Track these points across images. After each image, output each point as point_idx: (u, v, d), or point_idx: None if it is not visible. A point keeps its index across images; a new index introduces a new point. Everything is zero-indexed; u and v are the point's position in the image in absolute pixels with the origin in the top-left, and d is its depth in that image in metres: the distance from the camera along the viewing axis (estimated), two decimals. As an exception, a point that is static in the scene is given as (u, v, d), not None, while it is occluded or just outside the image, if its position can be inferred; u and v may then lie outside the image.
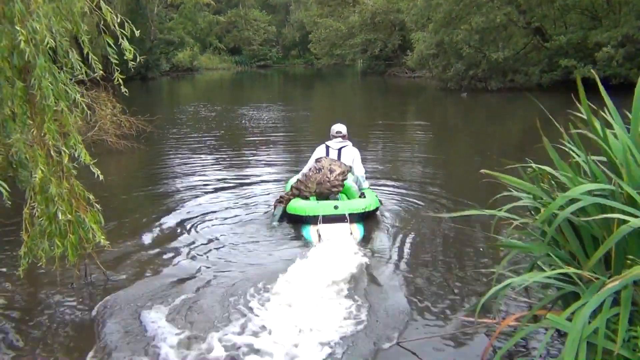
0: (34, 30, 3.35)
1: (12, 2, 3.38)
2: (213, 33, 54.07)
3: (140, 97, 23.58)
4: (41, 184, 3.55)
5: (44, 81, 3.40)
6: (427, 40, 25.50)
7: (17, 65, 3.54)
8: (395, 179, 8.12)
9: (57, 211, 3.58)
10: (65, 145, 3.64)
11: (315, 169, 5.75)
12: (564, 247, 2.85)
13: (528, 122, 15.08)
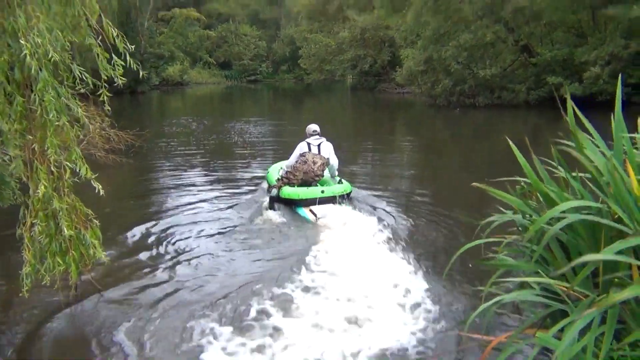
0: (36, 45, 3.34)
1: (13, 17, 3.37)
2: (203, 47, 54.30)
3: (130, 111, 23.51)
4: (43, 200, 3.50)
5: (47, 95, 3.38)
6: (416, 57, 25.77)
7: (17, 80, 3.52)
8: (384, 191, 8.15)
9: (61, 227, 3.53)
10: (66, 159, 3.62)
11: (301, 161, 6.92)
12: (552, 264, 2.86)
13: (515, 138, 15.22)
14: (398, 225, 6.26)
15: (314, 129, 7.39)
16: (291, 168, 7.00)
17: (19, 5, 3.42)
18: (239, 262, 5.19)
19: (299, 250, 5.32)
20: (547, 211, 2.78)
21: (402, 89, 32.95)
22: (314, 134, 7.33)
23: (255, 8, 62.69)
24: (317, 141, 7.22)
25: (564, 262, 2.75)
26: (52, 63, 3.43)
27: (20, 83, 3.57)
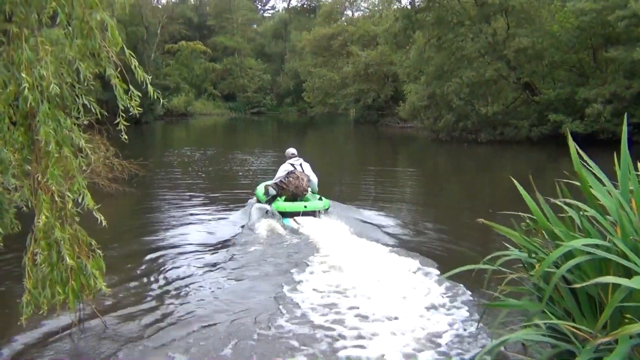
0: (40, 77, 3.38)
1: (20, 49, 3.42)
2: (208, 80, 54.93)
3: (134, 141, 23.55)
4: (45, 229, 3.50)
5: (46, 128, 3.41)
6: (419, 92, 26.00)
7: (21, 110, 3.56)
8: (386, 220, 8.13)
9: (63, 256, 3.52)
10: (69, 190, 3.62)
11: (293, 177, 8.12)
12: (558, 304, 2.82)
13: (518, 174, 15.24)
14: (399, 255, 6.21)
15: (292, 152, 8.66)
16: (284, 180, 8.10)
17: (26, 39, 3.48)
18: (240, 288, 5.22)
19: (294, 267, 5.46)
20: (552, 249, 2.76)
21: (405, 123, 33.16)
22: (293, 156, 8.55)
23: (260, 42, 63.71)
24: (297, 161, 8.44)
25: (570, 302, 2.71)
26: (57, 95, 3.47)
27: (25, 113, 3.61)
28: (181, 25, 52.02)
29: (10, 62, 3.53)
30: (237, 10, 61.16)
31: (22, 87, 3.36)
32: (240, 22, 61.50)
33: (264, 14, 74.17)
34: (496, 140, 22.54)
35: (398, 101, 33.64)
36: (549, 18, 22.04)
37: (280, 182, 8.18)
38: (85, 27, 3.64)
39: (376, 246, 6.67)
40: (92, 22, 3.71)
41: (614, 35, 19.37)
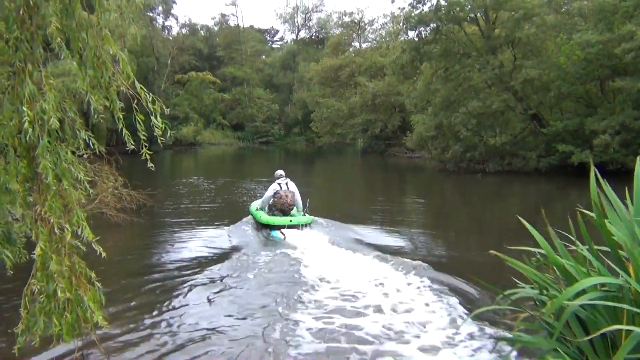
0: (42, 111, 3.43)
1: (24, 84, 3.48)
2: (217, 109, 55.53)
3: (142, 170, 23.71)
4: (42, 261, 3.50)
5: (44, 161, 3.46)
6: (426, 123, 26.11)
7: (24, 143, 3.60)
8: (393, 249, 8.05)
9: (56, 288, 3.52)
10: (68, 222, 3.63)
11: (277, 197, 9.38)
12: (571, 342, 2.76)
13: (526, 205, 15.15)
14: (409, 285, 6.15)
15: (280, 173, 9.97)
16: (276, 198, 9.44)
17: (30, 73, 3.55)
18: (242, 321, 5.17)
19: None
20: (564, 285, 2.71)
21: (413, 153, 33.24)
22: (280, 177, 9.83)
23: (269, 73, 64.53)
24: (284, 181, 9.70)
25: (583, 340, 2.65)
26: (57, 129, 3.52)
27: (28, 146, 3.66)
28: (191, 56, 52.89)
29: (15, 96, 3.59)
30: (246, 41, 62.17)
31: (23, 121, 3.42)
32: (249, 53, 62.44)
33: (272, 45, 75.35)
34: (504, 171, 22.49)
35: (405, 131, 33.80)
36: (556, 50, 22.21)
37: (272, 202, 9.52)
38: (97, 60, 3.72)
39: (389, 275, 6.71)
40: (104, 55, 3.79)
41: (621, 66, 19.45)
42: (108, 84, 3.79)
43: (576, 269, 2.79)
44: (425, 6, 24.26)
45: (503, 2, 22.13)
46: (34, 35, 3.65)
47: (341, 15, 54.58)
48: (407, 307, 5.50)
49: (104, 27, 3.96)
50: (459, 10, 23.36)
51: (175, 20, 54.09)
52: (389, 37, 44.93)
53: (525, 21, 21.83)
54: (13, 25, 3.64)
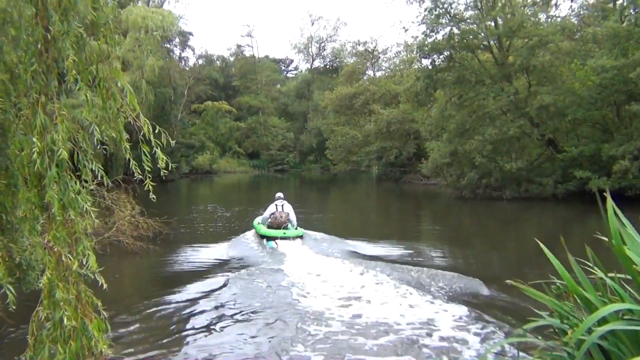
0: (52, 142, 3.50)
1: (36, 114, 3.57)
2: (233, 138, 56.06)
3: (159, 199, 23.86)
4: (49, 289, 3.54)
5: (50, 191, 3.52)
6: (441, 149, 26.07)
7: (34, 173, 3.67)
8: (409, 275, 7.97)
9: (62, 316, 3.54)
10: (75, 251, 3.68)
11: (273, 217, 11.35)
12: (594, 372, 2.70)
13: (544, 232, 14.96)
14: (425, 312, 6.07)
15: (279, 195, 12.03)
16: (272, 218, 11.36)
17: (43, 105, 3.63)
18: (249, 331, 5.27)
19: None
20: (585, 314, 2.67)
21: (428, 180, 33.12)
22: (278, 199, 11.84)
23: (284, 101, 65.19)
24: (280, 203, 11.70)
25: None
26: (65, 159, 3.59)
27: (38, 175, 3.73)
28: (207, 86, 53.69)
29: (28, 126, 3.67)
30: (261, 71, 63.05)
31: (32, 151, 3.49)
32: (265, 82, 63.25)
33: (287, 74, 76.24)
34: (521, 197, 22.29)
35: (420, 158, 33.75)
36: (570, 76, 22.17)
37: (270, 221, 11.43)
38: (106, 92, 3.80)
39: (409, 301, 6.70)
40: (113, 87, 3.88)
41: (636, 91, 19.33)
42: (116, 116, 3.88)
43: (596, 298, 2.74)
44: (438, 34, 24.50)
45: (516, 29, 22.25)
46: (50, 68, 3.75)
47: (355, 44, 55.14)
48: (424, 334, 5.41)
49: (114, 60, 4.06)
50: (472, 38, 23.54)
51: (192, 52, 55.06)
52: (403, 65, 45.25)
53: (539, 48, 21.89)
54: (32, 58, 3.74)
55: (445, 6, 24.15)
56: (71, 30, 3.72)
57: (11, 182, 4.03)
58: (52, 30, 3.66)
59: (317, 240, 11.62)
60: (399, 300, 6.82)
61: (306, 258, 9.73)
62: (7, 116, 4.04)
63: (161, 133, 3.91)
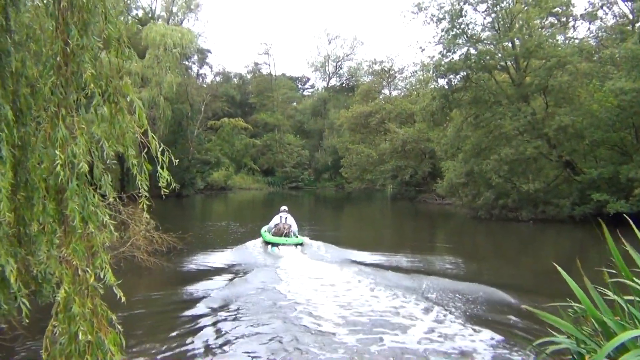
0: (73, 155, 3.53)
1: (57, 128, 3.60)
2: (248, 155, 56.36)
3: (174, 214, 24.14)
4: (64, 303, 3.53)
5: (72, 204, 3.53)
6: (456, 169, 25.95)
7: (53, 186, 3.69)
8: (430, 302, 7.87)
9: (77, 331, 3.52)
10: (92, 265, 3.67)
11: (277, 228, 13.34)
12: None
13: (561, 255, 14.75)
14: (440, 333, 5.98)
15: (283, 208, 14.09)
16: (275, 228, 13.46)
17: (63, 118, 3.67)
18: None
19: None
20: (602, 339, 2.61)
21: (443, 200, 32.92)
22: (283, 212, 13.92)
23: (300, 119, 65.52)
24: (284, 215, 13.79)
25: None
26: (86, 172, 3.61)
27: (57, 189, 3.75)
28: (224, 102, 54.13)
29: (47, 139, 3.70)
30: (278, 89, 63.54)
31: (55, 164, 3.50)
32: (281, 100, 63.69)
33: (303, 92, 76.73)
34: (537, 219, 22.04)
35: (436, 177, 33.61)
36: (588, 97, 22.02)
37: (274, 230, 13.49)
38: (114, 107, 3.83)
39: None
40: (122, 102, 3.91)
41: (655, 114, 19.15)
42: (124, 131, 3.90)
43: (615, 322, 2.69)
44: (455, 55, 24.53)
45: (534, 50, 22.20)
46: (69, 81, 3.80)
47: (371, 63, 55.37)
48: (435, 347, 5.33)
49: (125, 75, 4.10)
50: (489, 59, 23.53)
51: (209, 69, 55.70)
52: (419, 84, 45.26)
53: (557, 69, 21.80)
54: (50, 71, 3.80)
55: (462, 27, 24.21)
56: (90, 44, 3.78)
57: (30, 195, 4.06)
58: (72, 44, 3.71)
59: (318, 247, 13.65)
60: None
61: (301, 262, 11.64)
62: (27, 129, 4.09)
63: (177, 149, 3.94)
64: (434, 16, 24.88)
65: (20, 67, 4.09)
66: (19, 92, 4.04)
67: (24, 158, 4.06)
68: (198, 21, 48.69)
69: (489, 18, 24.42)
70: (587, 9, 23.06)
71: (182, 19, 41.04)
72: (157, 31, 29.81)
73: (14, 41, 4.14)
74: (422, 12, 25.32)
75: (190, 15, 41.28)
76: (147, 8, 40.77)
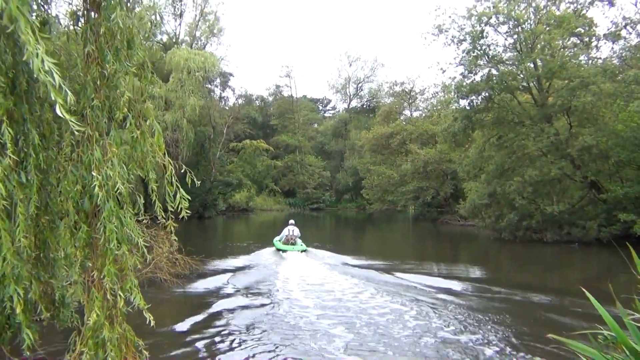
0: (107, 177, 3.58)
1: (89, 150, 3.66)
2: (270, 176, 56.67)
3: (197, 235, 24.27)
4: (94, 328, 3.53)
5: (109, 225, 3.55)
6: (479, 190, 25.70)
7: (85, 209, 3.73)
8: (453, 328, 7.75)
9: (107, 357, 3.51)
10: (121, 288, 3.68)
11: (287, 238, 17.68)
12: None
13: (588, 278, 14.44)
14: None
15: (291, 222, 18.35)
16: (285, 238, 17.60)
17: (97, 141, 3.73)
18: None
19: None
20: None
21: (466, 221, 32.57)
22: (291, 224, 18.13)
23: (321, 140, 65.81)
24: (292, 228, 17.89)
25: None
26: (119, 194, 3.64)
27: (89, 212, 3.77)
28: (246, 124, 54.63)
29: (80, 162, 3.76)
30: (299, 110, 64.05)
31: (92, 186, 3.53)
32: (302, 121, 64.14)
33: (324, 113, 77.18)
34: (563, 240, 21.65)
35: (458, 199, 33.32)
36: (613, 117, 21.73)
37: (284, 240, 17.66)
38: (136, 132, 3.88)
39: None
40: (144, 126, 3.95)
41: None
42: (145, 155, 3.95)
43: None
44: (476, 76, 24.47)
45: (557, 71, 22.03)
46: (103, 105, 3.88)
47: (392, 85, 55.47)
48: None
49: (147, 99, 4.17)
50: (512, 80, 23.41)
51: (232, 91, 56.32)
52: (440, 105, 45.17)
53: (580, 89, 21.59)
54: (92, 94, 3.87)
55: (483, 48, 24.19)
56: (123, 69, 3.87)
57: (52, 219, 4.10)
58: (108, 68, 3.80)
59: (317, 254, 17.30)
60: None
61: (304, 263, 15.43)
62: (48, 153, 4.15)
63: (199, 171, 3.98)
64: (455, 37, 24.91)
65: (45, 92, 4.19)
66: (42, 116, 4.12)
67: (45, 182, 4.11)
68: (221, 45, 49.57)
69: (511, 39, 24.38)
70: (610, 29, 22.82)
71: (205, 43, 41.79)
72: (181, 55, 30.41)
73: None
74: (443, 34, 25.34)
75: (213, 39, 42.02)
76: (172, 33, 41.65)
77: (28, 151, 3.78)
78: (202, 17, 40.81)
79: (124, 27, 3.76)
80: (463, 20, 24.59)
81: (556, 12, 23.61)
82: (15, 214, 3.55)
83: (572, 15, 22.42)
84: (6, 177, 3.35)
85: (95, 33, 3.80)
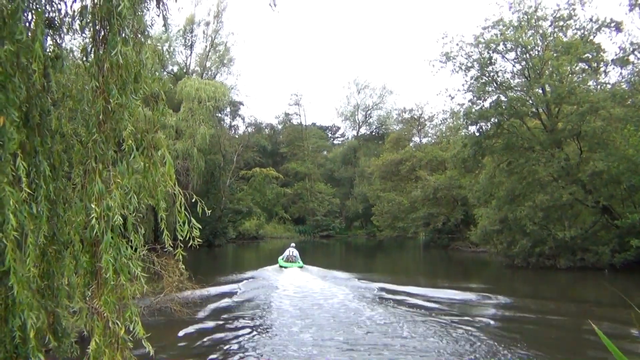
0: (108, 208, 3.62)
1: (93, 182, 3.71)
2: (279, 203, 56.67)
3: (206, 264, 24.24)
4: (95, 355, 3.53)
5: (106, 256, 3.59)
6: (490, 216, 25.52)
7: (88, 239, 3.77)
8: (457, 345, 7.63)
9: None
10: (122, 317, 3.69)
11: (287, 257, 23.73)
12: None
13: (603, 305, 14.20)
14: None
15: (292, 244, 25.26)
16: (287, 258, 23.48)
17: (100, 173, 3.78)
18: None
19: None
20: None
21: (477, 247, 32.26)
22: (291, 247, 24.45)
23: (330, 167, 65.93)
24: (292, 250, 24.07)
25: None
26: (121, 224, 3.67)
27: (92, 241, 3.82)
28: (255, 152, 54.92)
29: (85, 193, 3.81)
30: (308, 138, 64.34)
31: (90, 217, 3.58)
32: (311, 149, 64.35)
33: (333, 141, 77.39)
34: (577, 267, 21.35)
35: (469, 225, 33.10)
36: (623, 142, 21.61)
37: (286, 259, 22.57)
38: (148, 161, 3.93)
39: None
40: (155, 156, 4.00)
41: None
42: (156, 184, 3.99)
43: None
44: (485, 102, 24.55)
45: (565, 96, 22.05)
46: (108, 138, 3.93)
47: (401, 112, 55.79)
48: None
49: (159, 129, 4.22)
50: (521, 105, 23.45)
51: (241, 120, 56.74)
52: (449, 131, 45.26)
53: (590, 114, 21.56)
54: (93, 128, 3.94)
55: (491, 75, 24.33)
56: (128, 103, 3.93)
57: (59, 249, 4.13)
58: (112, 102, 3.86)
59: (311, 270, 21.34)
60: None
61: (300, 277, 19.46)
62: (57, 184, 4.19)
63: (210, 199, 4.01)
64: (463, 65, 25.10)
65: (57, 124, 4.25)
66: (52, 148, 4.17)
67: (53, 212, 4.15)
68: (231, 74, 50.08)
69: (519, 65, 24.52)
70: (617, 54, 22.89)
71: (215, 73, 42.37)
72: (192, 85, 30.85)
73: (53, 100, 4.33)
74: (451, 62, 25.51)
75: (223, 69, 42.63)
76: (182, 64, 42.28)
77: (39, 183, 3.83)
78: (212, 47, 41.46)
79: (130, 62, 3.83)
80: (470, 47, 24.84)
81: (563, 38, 23.75)
82: (25, 244, 3.59)
83: (580, 41, 22.55)
84: (17, 209, 3.39)
85: (100, 68, 3.89)
